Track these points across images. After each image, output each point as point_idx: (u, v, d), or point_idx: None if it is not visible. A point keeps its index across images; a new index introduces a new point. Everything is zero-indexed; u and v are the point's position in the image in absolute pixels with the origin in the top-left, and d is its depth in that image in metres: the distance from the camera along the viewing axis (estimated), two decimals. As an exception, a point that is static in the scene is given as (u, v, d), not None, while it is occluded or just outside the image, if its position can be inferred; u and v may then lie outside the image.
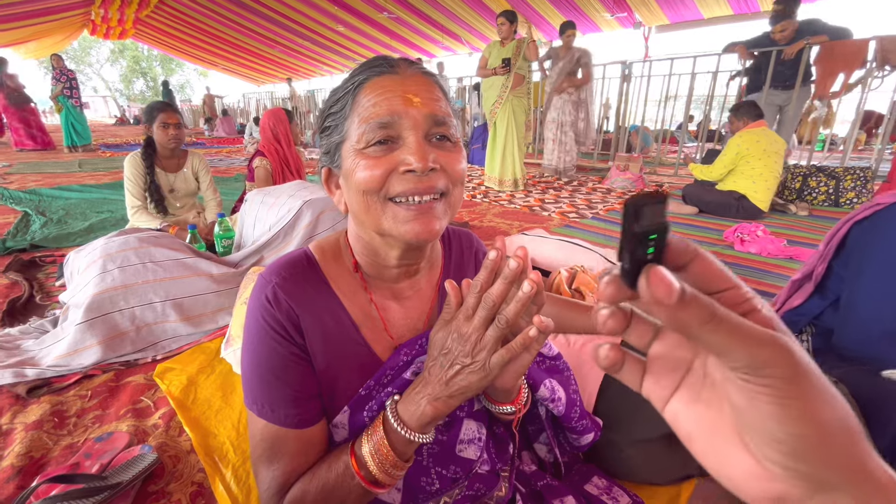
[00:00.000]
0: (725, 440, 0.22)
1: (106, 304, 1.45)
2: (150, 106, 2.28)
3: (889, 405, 0.82)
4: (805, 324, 1.11)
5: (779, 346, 0.20)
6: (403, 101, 0.49)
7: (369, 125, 0.48)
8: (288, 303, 0.53)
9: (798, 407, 0.19)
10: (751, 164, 3.20)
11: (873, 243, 0.95)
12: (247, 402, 0.55)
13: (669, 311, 0.20)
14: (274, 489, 0.53)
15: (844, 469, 0.20)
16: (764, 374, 0.20)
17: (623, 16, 7.39)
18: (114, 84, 31.30)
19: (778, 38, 4.00)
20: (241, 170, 5.61)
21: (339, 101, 0.53)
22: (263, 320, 0.53)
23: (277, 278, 0.54)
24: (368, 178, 0.48)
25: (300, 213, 1.82)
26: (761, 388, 0.20)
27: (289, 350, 0.53)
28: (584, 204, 3.86)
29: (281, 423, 0.53)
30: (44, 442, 1.06)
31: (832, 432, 0.20)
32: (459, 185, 0.53)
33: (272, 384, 0.53)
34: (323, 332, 0.55)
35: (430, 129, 0.50)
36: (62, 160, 6.32)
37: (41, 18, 9.04)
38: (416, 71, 0.52)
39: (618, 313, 0.24)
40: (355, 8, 9.05)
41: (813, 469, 0.20)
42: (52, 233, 2.72)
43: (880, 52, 3.70)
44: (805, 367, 0.20)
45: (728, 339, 0.20)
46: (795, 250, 2.49)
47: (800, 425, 0.20)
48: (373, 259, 0.57)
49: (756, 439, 0.21)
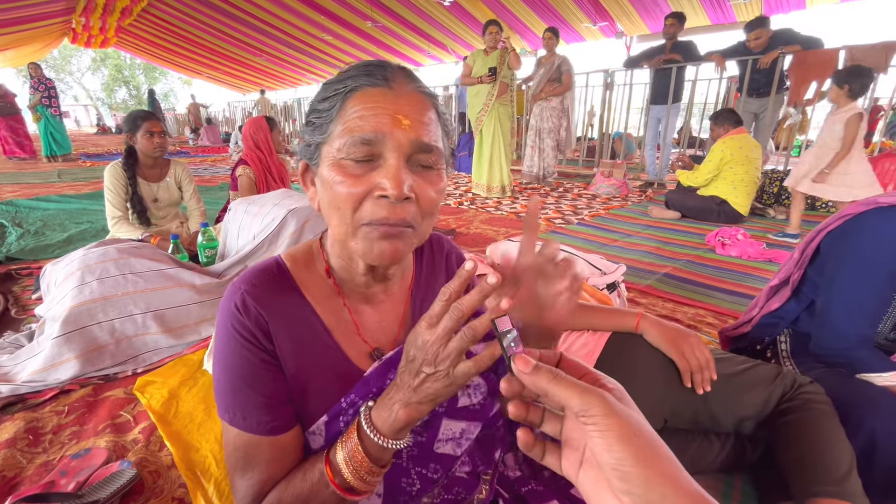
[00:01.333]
0: (602, 488, 0.30)
1: (84, 316, 1.42)
2: (133, 114, 2.24)
3: (863, 407, 0.85)
4: (784, 327, 1.14)
5: (597, 393, 0.30)
6: (392, 121, 0.47)
7: (352, 138, 0.47)
8: (257, 309, 0.53)
9: (613, 434, 0.28)
10: (733, 170, 3.28)
11: (844, 252, 0.98)
12: (220, 412, 0.54)
13: (530, 377, 0.32)
14: (249, 498, 0.52)
15: (664, 486, 0.27)
16: (590, 414, 0.29)
17: (605, 25, 7.55)
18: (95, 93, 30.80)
19: (752, 46, 4.14)
20: (225, 178, 5.56)
21: (327, 100, 0.51)
22: (233, 328, 0.53)
23: (246, 286, 0.54)
24: (344, 197, 0.48)
25: (285, 221, 1.81)
26: (591, 425, 0.29)
27: (258, 357, 0.53)
28: (569, 210, 3.91)
29: (253, 430, 0.52)
30: (17, 460, 1.03)
31: (645, 454, 0.28)
32: (430, 217, 0.52)
33: (243, 391, 0.52)
34: (293, 337, 0.54)
35: (414, 154, 0.48)
36: (41, 170, 6.18)
37: (20, 27, 8.88)
38: (413, 89, 0.50)
39: (520, 404, 0.35)
40: (341, 17, 9.08)
41: (642, 490, 0.27)
42: (30, 244, 2.65)
43: (850, 60, 3.84)
44: (615, 407, 0.29)
45: (566, 391, 0.30)
46: (774, 253, 2.55)
47: (617, 448, 0.28)
48: (347, 263, 0.57)
49: (607, 474, 0.29)
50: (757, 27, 4.10)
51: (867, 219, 0.96)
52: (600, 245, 2.85)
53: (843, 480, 0.74)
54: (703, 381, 0.87)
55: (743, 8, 6.31)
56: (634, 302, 1.96)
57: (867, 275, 0.94)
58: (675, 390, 0.89)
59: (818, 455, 0.77)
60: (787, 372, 0.91)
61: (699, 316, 1.82)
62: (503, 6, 7.50)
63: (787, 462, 0.81)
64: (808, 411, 0.83)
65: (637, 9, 6.88)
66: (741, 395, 0.89)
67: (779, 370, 0.91)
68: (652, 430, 0.30)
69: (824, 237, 1.04)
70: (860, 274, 0.94)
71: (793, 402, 0.85)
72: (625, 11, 7.04)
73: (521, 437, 0.34)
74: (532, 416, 0.35)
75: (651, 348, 0.91)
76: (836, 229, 1.01)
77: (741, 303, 1.93)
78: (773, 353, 1.16)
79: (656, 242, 2.88)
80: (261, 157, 2.66)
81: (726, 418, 0.90)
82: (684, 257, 2.55)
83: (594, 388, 0.30)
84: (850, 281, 0.96)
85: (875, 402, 0.84)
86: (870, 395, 0.87)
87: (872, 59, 3.81)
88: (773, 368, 0.91)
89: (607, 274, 1.58)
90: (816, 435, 0.80)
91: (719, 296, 2.02)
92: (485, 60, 4.23)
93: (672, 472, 0.28)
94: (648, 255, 2.62)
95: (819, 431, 0.80)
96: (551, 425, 0.35)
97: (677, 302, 1.96)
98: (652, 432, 0.30)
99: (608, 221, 3.49)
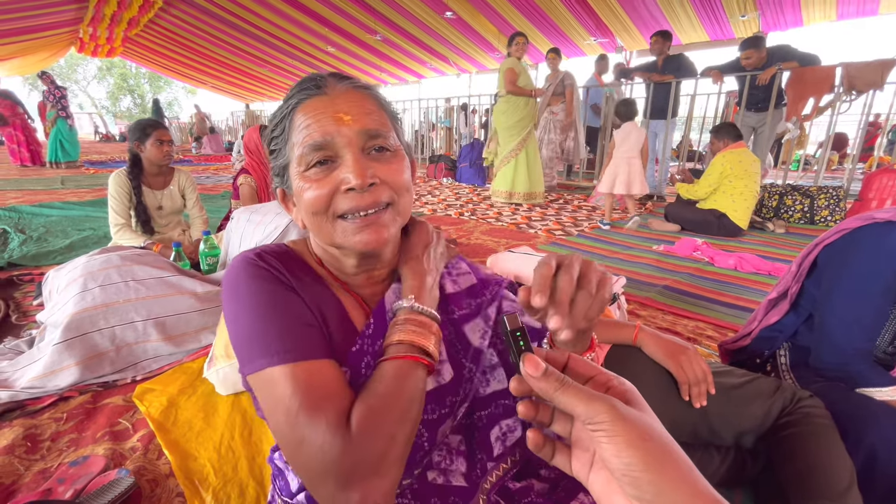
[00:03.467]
0: (613, 491, 0.30)
1: (86, 323, 1.42)
2: (142, 123, 2.26)
3: (863, 421, 0.85)
4: (783, 340, 1.14)
5: (602, 399, 0.29)
6: (335, 121, 0.50)
7: (305, 148, 0.50)
8: (275, 261, 0.55)
9: (622, 440, 0.28)
10: (733, 184, 3.31)
11: (841, 266, 0.99)
12: (257, 366, 0.48)
13: (538, 382, 0.31)
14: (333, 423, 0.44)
15: (676, 491, 0.26)
16: (597, 421, 0.28)
17: (605, 41, 7.66)
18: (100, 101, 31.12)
19: (745, 65, 4.22)
20: (227, 187, 5.59)
21: (278, 126, 0.54)
22: (251, 272, 0.53)
23: (259, 249, 0.57)
24: (314, 200, 0.51)
25: (287, 230, 1.82)
26: (599, 432, 0.28)
27: (285, 286, 0.53)
28: (569, 221, 3.92)
29: (305, 356, 0.47)
30: (15, 467, 1.02)
31: (656, 458, 0.27)
32: (405, 193, 0.54)
33: (284, 319, 0.50)
34: (305, 291, 0.55)
35: (366, 144, 0.51)
36: (44, 177, 6.22)
37: (28, 36, 9.00)
38: (346, 87, 0.53)
39: (529, 403, 0.34)
40: (345, 30, 9.21)
41: (653, 495, 0.27)
42: (32, 251, 2.66)
43: (846, 77, 3.90)
44: (622, 412, 0.28)
45: (573, 398, 0.30)
46: (774, 266, 2.56)
47: (626, 454, 0.27)
48: (336, 262, 0.59)
49: (618, 479, 0.28)
50: (749, 47, 4.18)
51: (864, 233, 0.96)
52: (600, 257, 2.85)
53: (843, 495, 0.74)
54: (700, 394, 0.87)
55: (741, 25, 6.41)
56: (634, 314, 1.96)
57: (864, 289, 0.94)
58: (673, 403, 0.89)
59: (818, 469, 0.77)
60: (786, 385, 0.91)
61: (699, 329, 1.82)
62: (505, 21, 7.61)
63: (786, 476, 0.81)
64: (807, 425, 0.83)
65: (637, 24, 6.99)
66: (741, 408, 0.89)
67: (778, 384, 0.91)
68: (664, 433, 0.29)
69: (822, 250, 1.05)
70: (857, 288, 0.95)
71: (792, 415, 0.85)
72: (625, 27, 7.15)
73: (531, 437, 0.34)
74: (542, 416, 0.35)
75: (650, 361, 0.92)
76: (834, 243, 1.02)
77: (741, 316, 1.93)
78: (773, 367, 1.16)
79: (656, 255, 2.89)
80: (261, 165, 2.69)
81: (726, 431, 0.90)
82: (684, 270, 2.56)
83: (599, 394, 0.30)
84: (848, 295, 0.96)
85: (875, 417, 0.84)
86: (870, 409, 0.87)
87: (869, 76, 3.87)
88: (773, 382, 0.91)
89: (607, 286, 1.59)
90: (816, 449, 0.80)
91: (719, 308, 2.02)
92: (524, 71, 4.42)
93: (685, 475, 0.27)
94: (648, 267, 2.63)
95: (819, 445, 0.80)
96: (561, 425, 0.34)
97: (677, 314, 1.96)
98: (664, 435, 0.29)
99: (608, 233, 3.51)
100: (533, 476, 0.69)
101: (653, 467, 0.27)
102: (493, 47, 8.62)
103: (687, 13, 6.37)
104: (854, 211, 3.71)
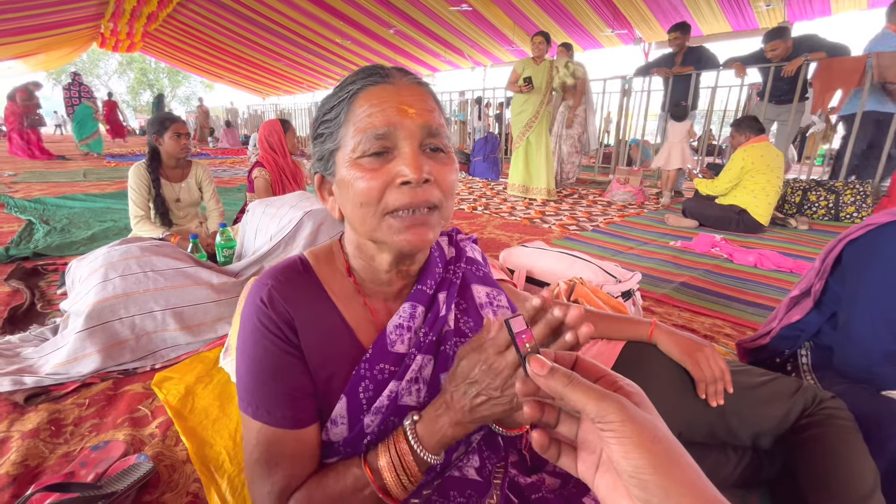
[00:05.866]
0: (619, 494, 0.30)
1: (106, 312, 1.46)
2: (161, 117, 2.30)
3: (888, 424, 0.82)
4: (805, 340, 1.11)
5: (614, 399, 0.29)
6: (399, 112, 0.49)
7: (365, 135, 0.49)
8: (283, 304, 0.54)
9: (631, 441, 0.27)
10: (754, 179, 3.22)
11: (867, 263, 0.95)
12: (241, 407, 0.54)
13: (545, 380, 0.31)
14: (276, 494, 0.51)
15: (683, 495, 0.26)
16: (607, 420, 0.28)
17: (623, 32, 7.50)
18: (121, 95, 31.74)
19: (770, 57, 4.08)
20: (243, 180, 5.66)
21: (333, 109, 0.53)
22: (259, 321, 0.53)
23: (272, 281, 0.55)
24: (366, 191, 0.49)
25: (301, 223, 1.84)
26: (608, 432, 0.28)
27: (284, 349, 0.53)
28: (584, 217, 3.88)
29: (278, 423, 0.52)
30: (40, 450, 1.06)
31: (663, 462, 0.27)
32: (451, 197, 0.53)
33: (268, 384, 0.52)
34: (318, 332, 0.55)
35: (425, 140, 0.50)
36: (67, 169, 6.39)
37: (51, 31, 9.22)
38: (410, 81, 0.52)
39: (535, 405, 0.34)
40: (360, 23, 9.21)
41: (660, 499, 0.26)
42: (56, 241, 2.74)
43: (877, 68, 3.74)
44: (633, 413, 0.28)
45: (582, 396, 0.29)
46: (796, 263, 2.49)
47: (635, 456, 0.27)
48: (367, 263, 0.58)
49: (625, 481, 0.28)
50: (774, 38, 4.03)
51: (892, 229, 0.93)
52: (615, 252, 2.82)
53: (865, 500, 0.72)
54: (718, 392, 0.85)
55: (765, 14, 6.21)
56: (650, 311, 1.93)
57: (892, 288, 0.91)
58: (690, 401, 0.87)
59: (840, 472, 0.75)
60: (807, 386, 0.88)
61: (717, 327, 1.79)
62: (521, 13, 7.52)
63: (806, 479, 0.79)
64: (829, 427, 0.80)
65: (656, 14, 6.83)
66: (759, 408, 0.87)
67: (799, 384, 0.88)
68: (672, 437, 0.29)
69: (846, 246, 1.01)
70: (885, 288, 0.92)
71: (814, 416, 0.83)
72: (643, 17, 6.99)
73: (537, 438, 0.34)
74: (547, 417, 0.34)
75: (665, 358, 0.90)
76: (859, 239, 0.98)
77: (760, 314, 1.88)
78: (794, 367, 1.13)
79: (673, 251, 2.83)
80: (275, 158, 2.71)
81: (744, 432, 0.88)
82: (702, 266, 2.51)
83: (611, 393, 0.30)
84: (875, 295, 0.93)
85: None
86: (895, 412, 0.84)
87: (901, 66, 3.70)
88: (794, 382, 0.89)
89: (622, 282, 1.57)
90: (838, 451, 0.77)
91: (738, 306, 1.98)
92: (534, 70, 4.35)
93: (692, 480, 0.27)
94: (664, 263, 2.58)
95: (841, 448, 0.77)
96: (567, 427, 0.34)
97: (694, 312, 1.93)
98: (672, 439, 0.29)
99: (623, 229, 3.46)
100: (544, 471, 0.68)
101: (661, 470, 0.27)
102: (508, 40, 8.52)
103: (709, 2, 6.20)
104: (881, 207, 3.58)
